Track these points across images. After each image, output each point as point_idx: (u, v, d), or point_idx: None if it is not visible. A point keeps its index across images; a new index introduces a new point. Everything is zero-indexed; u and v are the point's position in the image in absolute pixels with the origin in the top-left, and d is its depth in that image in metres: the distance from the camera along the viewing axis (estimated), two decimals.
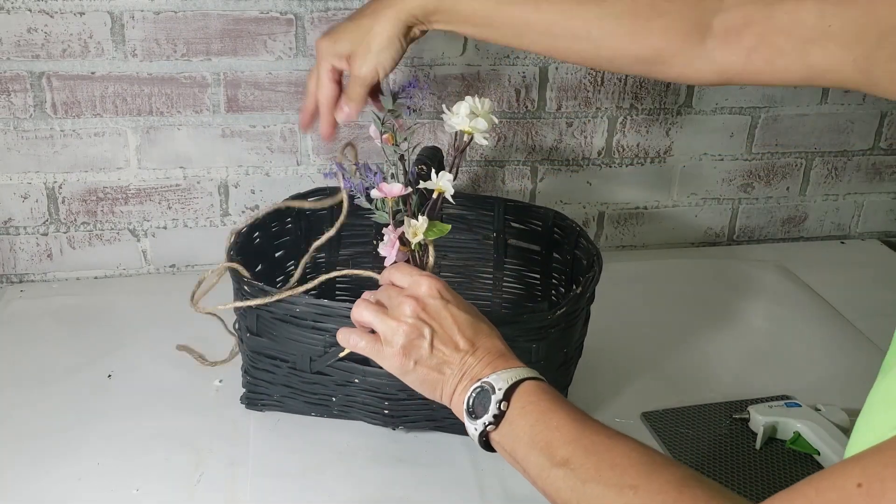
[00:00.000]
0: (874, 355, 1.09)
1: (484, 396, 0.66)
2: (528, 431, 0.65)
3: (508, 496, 0.83)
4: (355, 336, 0.73)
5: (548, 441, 0.63)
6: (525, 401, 0.66)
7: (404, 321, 0.69)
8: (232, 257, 0.89)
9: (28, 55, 1.07)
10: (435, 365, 0.69)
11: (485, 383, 0.66)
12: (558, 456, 0.62)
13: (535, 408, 0.65)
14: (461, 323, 0.70)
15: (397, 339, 0.69)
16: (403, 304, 0.70)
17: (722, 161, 1.35)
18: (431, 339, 0.69)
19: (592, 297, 0.91)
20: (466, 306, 0.71)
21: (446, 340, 0.69)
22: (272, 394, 0.91)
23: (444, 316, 0.69)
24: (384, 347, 0.70)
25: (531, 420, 0.65)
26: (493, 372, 0.67)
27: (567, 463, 0.61)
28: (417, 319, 0.69)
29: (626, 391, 1.01)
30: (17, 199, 1.14)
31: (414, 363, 0.70)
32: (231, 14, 1.09)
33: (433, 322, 0.69)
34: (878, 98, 1.34)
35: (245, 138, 1.17)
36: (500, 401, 0.65)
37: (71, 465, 0.85)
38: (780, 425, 0.92)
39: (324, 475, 0.85)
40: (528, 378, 0.67)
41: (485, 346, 0.69)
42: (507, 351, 0.70)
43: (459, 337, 0.69)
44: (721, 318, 1.17)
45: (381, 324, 0.71)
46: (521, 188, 1.29)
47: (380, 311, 0.71)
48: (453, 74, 1.18)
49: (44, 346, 1.04)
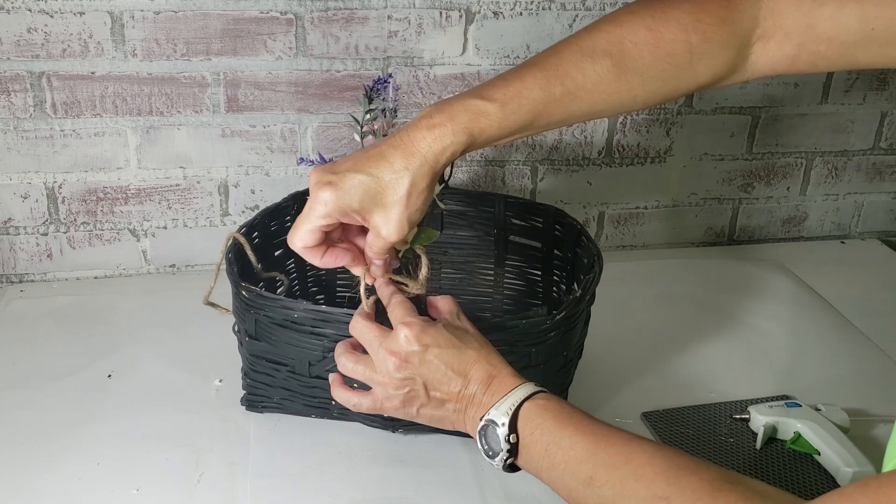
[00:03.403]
0: (874, 355, 1.09)
1: (492, 434, 0.68)
2: (544, 456, 0.65)
3: (508, 496, 0.83)
4: (355, 397, 0.74)
5: (566, 462, 0.64)
6: (532, 426, 0.66)
7: (394, 380, 0.71)
8: (230, 258, 0.89)
9: (28, 55, 1.07)
10: (437, 405, 0.72)
11: (487, 421, 0.68)
12: (582, 475, 0.63)
13: (543, 431, 0.66)
14: (447, 361, 0.70)
15: (394, 397, 0.71)
16: (387, 360, 0.70)
17: (722, 161, 1.35)
18: (424, 388, 0.71)
19: (593, 298, 0.91)
20: (446, 339, 0.70)
21: (439, 383, 0.70)
22: (272, 396, 0.91)
23: (429, 361, 0.70)
24: (384, 404, 0.72)
25: (544, 445, 0.65)
26: (491, 404, 0.68)
27: (591, 481, 0.62)
28: (405, 375, 0.70)
29: (626, 391, 1.01)
30: (17, 199, 1.14)
31: (416, 410, 0.72)
32: (231, 14, 1.09)
33: (421, 370, 0.70)
34: (879, 98, 1.35)
35: (245, 138, 1.17)
36: (508, 434, 0.66)
37: (71, 465, 0.85)
38: (780, 425, 0.92)
39: (324, 476, 0.85)
40: (527, 398, 0.68)
41: (476, 374, 0.70)
42: (499, 367, 0.71)
43: (450, 375, 0.70)
44: (721, 317, 1.17)
45: (372, 383, 0.72)
46: (521, 188, 1.29)
47: (367, 366, 0.72)
48: (453, 74, 1.18)
49: (44, 346, 1.04)
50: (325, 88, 1.16)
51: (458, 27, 1.16)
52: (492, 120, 0.68)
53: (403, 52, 1.16)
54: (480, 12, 1.16)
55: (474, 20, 1.16)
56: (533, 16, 1.17)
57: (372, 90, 0.82)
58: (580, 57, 0.70)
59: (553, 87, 0.69)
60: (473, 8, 1.15)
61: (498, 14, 1.16)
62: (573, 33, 0.73)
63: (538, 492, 0.83)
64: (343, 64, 1.15)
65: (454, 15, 1.15)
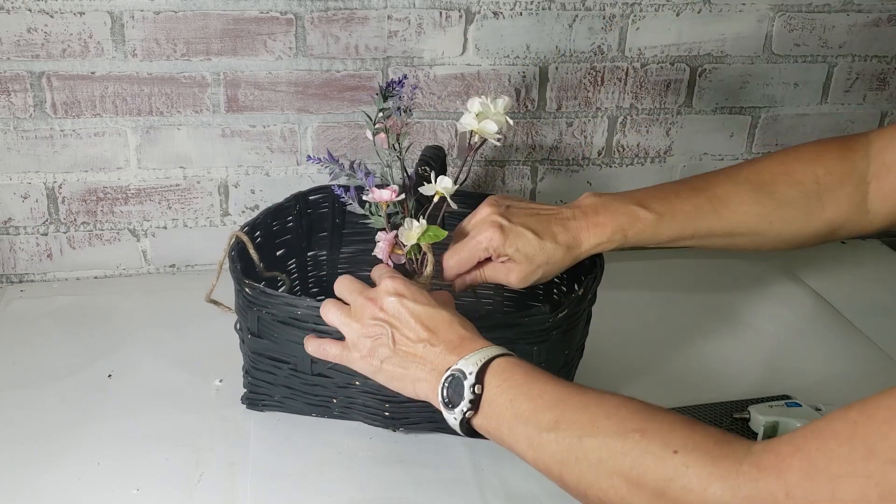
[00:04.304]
0: (874, 355, 1.09)
1: (456, 384, 0.66)
2: (508, 407, 0.64)
3: (508, 496, 0.83)
4: (326, 344, 0.76)
5: (532, 410, 0.63)
6: (500, 378, 0.65)
7: (365, 325, 0.72)
8: (233, 256, 0.89)
9: (28, 55, 1.07)
10: (400, 362, 0.71)
11: (454, 371, 0.66)
12: (546, 421, 0.61)
13: (512, 383, 0.65)
14: (418, 315, 0.70)
15: (362, 343, 0.72)
16: (364, 306, 0.72)
17: (722, 161, 1.35)
18: (392, 336, 0.70)
19: (594, 298, 0.91)
20: (425, 298, 0.72)
21: (406, 335, 0.70)
22: (273, 395, 0.91)
23: (401, 311, 0.71)
24: (352, 352, 0.73)
25: (510, 395, 0.64)
26: (459, 358, 0.67)
27: (557, 424, 0.61)
28: (376, 320, 0.71)
29: (627, 391, 0.98)
30: (17, 198, 1.14)
31: (380, 362, 0.72)
32: (231, 14, 1.09)
33: (392, 319, 0.71)
34: (879, 98, 1.35)
35: (245, 138, 1.17)
36: (474, 384, 0.65)
37: (71, 465, 0.85)
38: (780, 425, 0.92)
39: (324, 476, 0.85)
40: (498, 355, 0.67)
41: (446, 334, 0.70)
42: (471, 333, 0.70)
43: (420, 329, 0.70)
44: (721, 317, 1.17)
45: (345, 327, 0.74)
46: (521, 188, 1.29)
47: (345, 313, 0.74)
48: (453, 74, 1.18)
49: (44, 346, 1.04)
50: (325, 88, 1.16)
51: (457, 27, 1.16)
52: (646, 227, 0.83)
53: (403, 52, 1.16)
54: (480, 12, 1.16)
55: (474, 20, 1.16)
56: (533, 16, 1.17)
57: (386, 90, 0.83)
58: (725, 180, 0.86)
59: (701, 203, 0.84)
60: (473, 8, 1.15)
61: (498, 14, 1.16)
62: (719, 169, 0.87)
63: (538, 492, 0.83)
64: (343, 64, 1.15)
65: (454, 15, 1.15)
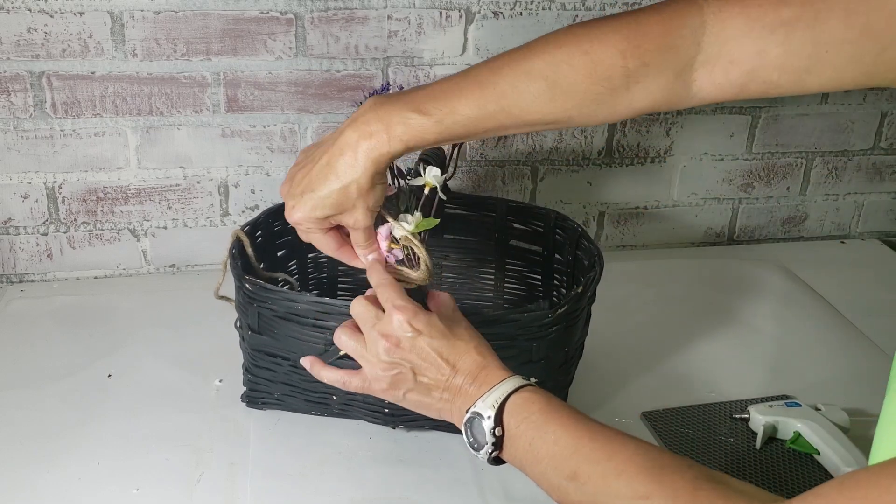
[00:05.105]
0: (874, 355, 1.09)
1: (477, 425, 0.68)
2: (528, 450, 0.66)
3: (508, 496, 0.83)
4: (345, 377, 0.76)
5: (551, 455, 0.64)
6: (518, 418, 0.67)
7: (382, 361, 0.72)
8: (234, 253, 0.89)
9: (28, 55, 1.07)
10: (424, 392, 0.72)
11: (473, 413, 0.68)
12: (566, 470, 0.63)
13: (529, 424, 0.66)
14: (437, 349, 0.71)
15: (382, 378, 0.73)
16: (378, 342, 0.72)
17: (722, 161, 1.35)
18: (413, 372, 0.72)
19: (593, 296, 0.91)
20: (438, 330, 0.72)
21: (427, 370, 0.71)
22: (273, 392, 0.91)
23: (420, 347, 0.71)
24: (373, 384, 0.74)
25: (528, 438, 0.66)
26: (478, 396, 0.69)
27: (575, 476, 0.62)
28: (394, 358, 0.71)
29: (626, 391, 1.01)
30: (17, 198, 1.14)
31: (403, 394, 0.73)
32: (231, 14, 1.09)
33: (410, 356, 0.71)
34: (880, 98, 1.35)
35: (245, 138, 1.17)
36: (493, 427, 0.67)
37: (71, 465, 0.85)
38: (780, 425, 0.92)
39: (324, 475, 0.85)
40: (514, 390, 0.68)
41: (465, 364, 0.71)
42: (488, 359, 0.72)
43: (440, 363, 0.71)
44: (721, 317, 1.17)
45: (362, 360, 0.74)
46: (521, 188, 1.29)
47: (360, 343, 0.74)
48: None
49: (44, 346, 1.04)
50: (325, 88, 1.16)
51: (458, 27, 1.16)
52: (426, 133, 0.72)
53: (403, 52, 1.16)
54: (480, 12, 1.16)
55: (474, 20, 1.16)
56: (533, 16, 1.17)
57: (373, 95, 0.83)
58: (517, 76, 0.71)
59: (488, 105, 0.71)
60: (473, 8, 1.15)
61: (498, 14, 1.16)
62: (516, 47, 0.73)
63: (538, 492, 0.82)
64: (343, 64, 1.15)
65: (454, 15, 1.15)
